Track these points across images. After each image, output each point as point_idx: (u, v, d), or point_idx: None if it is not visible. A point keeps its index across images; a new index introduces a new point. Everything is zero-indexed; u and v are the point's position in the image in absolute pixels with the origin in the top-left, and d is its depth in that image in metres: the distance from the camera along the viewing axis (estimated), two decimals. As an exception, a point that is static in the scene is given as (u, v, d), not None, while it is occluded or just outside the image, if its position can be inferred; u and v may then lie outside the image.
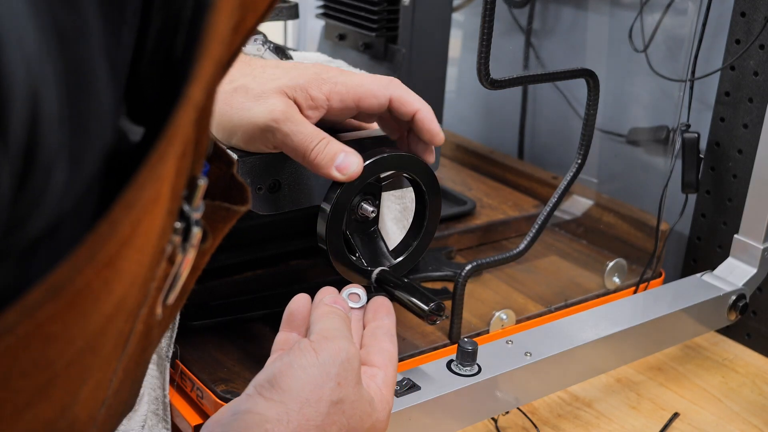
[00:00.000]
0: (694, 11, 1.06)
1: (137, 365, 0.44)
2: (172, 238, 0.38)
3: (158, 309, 0.41)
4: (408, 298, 0.71)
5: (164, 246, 0.38)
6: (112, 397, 0.42)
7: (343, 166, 0.69)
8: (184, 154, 0.36)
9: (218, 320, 0.90)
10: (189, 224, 0.39)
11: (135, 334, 0.40)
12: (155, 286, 0.39)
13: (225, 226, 0.45)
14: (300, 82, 0.70)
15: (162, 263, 0.38)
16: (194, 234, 0.39)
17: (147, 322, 0.41)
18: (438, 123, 0.75)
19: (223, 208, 0.44)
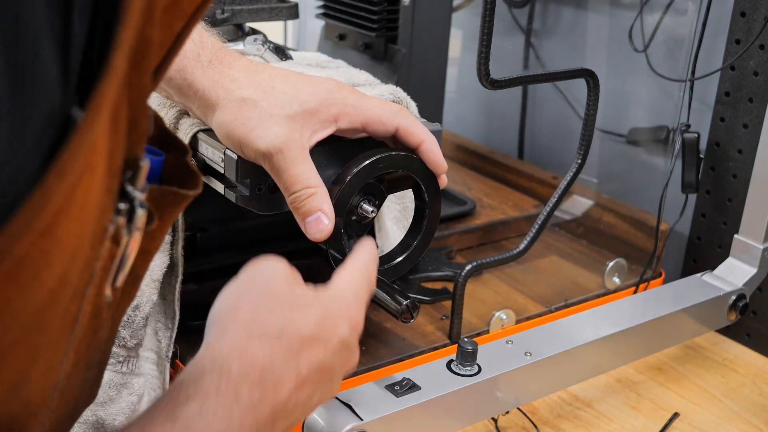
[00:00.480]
0: (694, 11, 1.06)
1: (89, 348, 0.44)
2: (115, 219, 0.39)
3: (107, 290, 0.41)
4: (381, 296, 0.70)
5: (105, 224, 0.38)
6: (65, 380, 0.42)
7: (310, 226, 0.69)
8: (116, 131, 0.36)
9: (218, 320, 0.90)
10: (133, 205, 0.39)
11: (83, 315, 0.40)
12: (101, 266, 0.39)
13: (174, 209, 0.45)
14: (310, 106, 0.69)
15: (105, 242, 0.39)
16: (138, 215, 0.40)
17: (95, 302, 0.41)
18: (442, 153, 0.75)
19: (172, 192, 0.45)
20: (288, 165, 0.68)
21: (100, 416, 0.79)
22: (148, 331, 0.82)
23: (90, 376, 0.47)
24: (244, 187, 0.73)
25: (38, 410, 0.41)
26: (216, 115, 0.70)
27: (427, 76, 1.10)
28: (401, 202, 0.95)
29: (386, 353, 0.88)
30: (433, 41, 1.09)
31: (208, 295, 0.92)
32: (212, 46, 0.71)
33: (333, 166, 0.74)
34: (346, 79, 0.88)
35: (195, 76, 0.70)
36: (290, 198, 0.69)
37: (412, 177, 0.75)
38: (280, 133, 0.67)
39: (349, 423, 0.68)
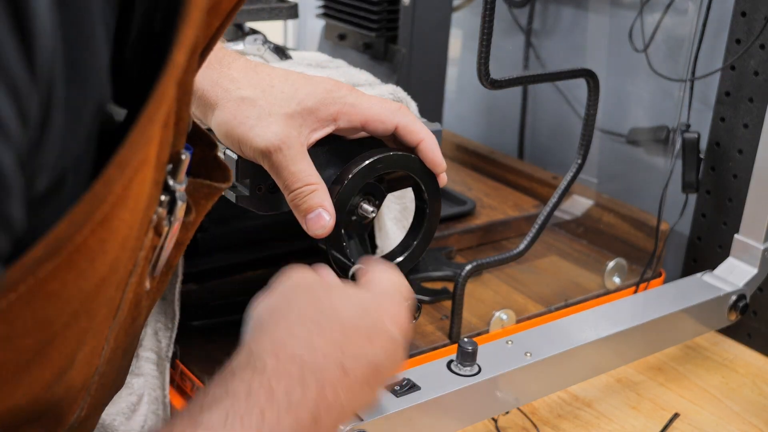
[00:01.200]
0: (694, 11, 1.06)
1: (127, 335, 0.45)
2: (158, 210, 0.40)
3: (147, 279, 0.42)
4: None
5: (151, 215, 0.40)
6: (105, 365, 0.43)
7: (312, 223, 0.69)
8: (167, 125, 0.38)
9: (218, 320, 0.90)
10: (174, 197, 0.41)
11: (125, 302, 0.41)
12: (143, 256, 0.41)
13: (207, 202, 0.47)
14: (309, 104, 0.69)
15: (149, 233, 0.40)
16: (179, 206, 0.41)
17: (136, 291, 0.42)
18: (441, 153, 0.75)
19: (205, 185, 0.46)
20: (287, 162, 0.68)
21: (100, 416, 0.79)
22: (148, 331, 0.82)
23: (125, 362, 0.48)
24: (244, 187, 0.73)
25: (78, 394, 0.42)
26: (215, 114, 0.70)
27: (427, 76, 1.10)
28: (401, 202, 0.95)
29: (386, 353, 0.88)
30: (433, 41, 1.09)
31: (208, 295, 0.93)
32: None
33: (332, 166, 0.74)
34: (346, 79, 0.88)
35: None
36: (290, 195, 0.69)
37: (412, 176, 0.75)
38: (278, 131, 0.67)
39: (348, 423, 0.68)
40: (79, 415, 0.44)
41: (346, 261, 0.73)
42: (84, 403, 0.43)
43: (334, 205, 0.70)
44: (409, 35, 1.07)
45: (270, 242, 0.99)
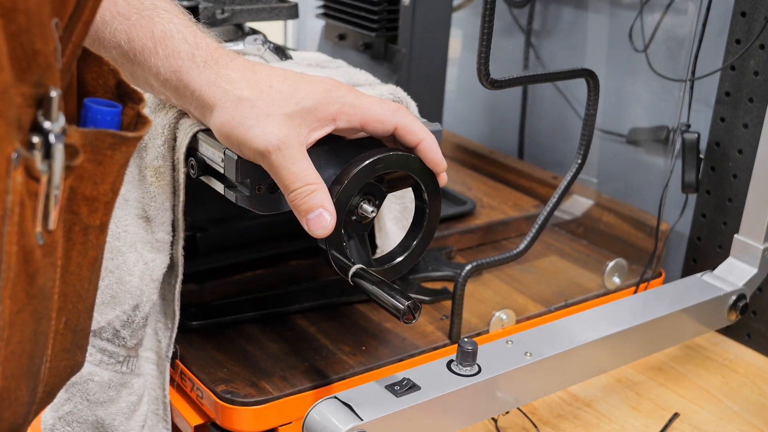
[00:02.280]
0: (694, 11, 1.06)
1: (30, 296, 0.43)
2: (21, 150, 0.39)
3: (34, 229, 0.41)
4: (383, 297, 0.70)
5: (8, 152, 0.38)
6: (7, 329, 0.42)
7: (312, 223, 0.69)
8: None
9: (218, 320, 0.90)
10: (48, 139, 0.40)
11: (9, 256, 0.40)
12: (15, 200, 0.39)
13: (114, 153, 0.45)
14: (308, 104, 0.69)
15: (14, 174, 0.39)
16: (57, 149, 0.40)
17: (20, 243, 0.41)
18: (441, 152, 0.75)
19: (108, 134, 0.45)
20: (287, 162, 0.68)
21: (100, 416, 0.79)
22: (148, 331, 0.82)
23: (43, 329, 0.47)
24: (244, 187, 0.73)
25: None
26: (213, 115, 0.70)
27: (427, 76, 1.10)
28: (401, 202, 0.95)
29: (386, 353, 0.88)
30: (433, 41, 1.09)
31: (208, 295, 0.93)
32: (207, 47, 0.71)
33: (332, 166, 0.74)
34: (346, 79, 0.88)
35: (191, 78, 0.70)
36: (290, 195, 0.69)
37: (412, 176, 0.75)
38: (277, 131, 0.67)
39: (349, 423, 0.68)
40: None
41: (346, 261, 0.73)
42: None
43: (334, 206, 0.70)
44: (409, 35, 1.07)
45: (270, 242, 0.99)
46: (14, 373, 0.45)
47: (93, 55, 0.48)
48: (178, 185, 0.78)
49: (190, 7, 0.95)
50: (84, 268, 0.48)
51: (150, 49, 0.69)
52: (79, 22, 0.44)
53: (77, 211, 0.45)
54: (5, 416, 0.46)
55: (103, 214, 0.47)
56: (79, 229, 0.46)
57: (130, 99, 0.48)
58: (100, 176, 0.45)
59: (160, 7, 0.71)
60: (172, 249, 0.80)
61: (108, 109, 0.46)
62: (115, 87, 0.48)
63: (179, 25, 0.71)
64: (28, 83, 0.39)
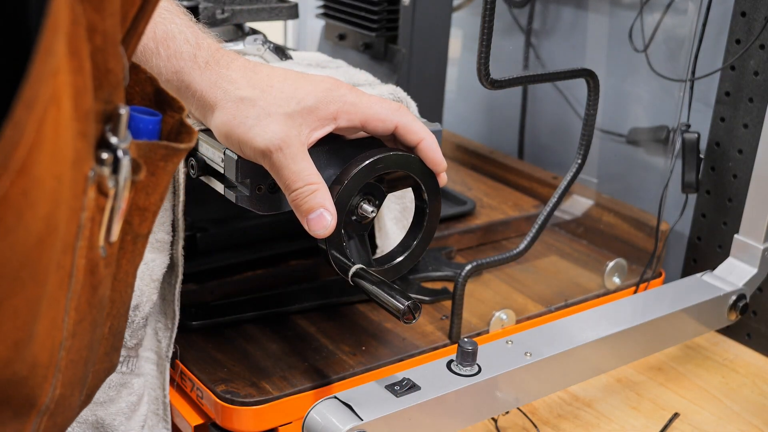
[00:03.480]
0: (694, 11, 1.06)
1: (90, 306, 0.44)
2: (97, 168, 0.40)
3: (99, 242, 0.42)
4: (383, 297, 0.70)
5: (86, 171, 0.39)
6: (70, 338, 0.43)
7: (313, 223, 0.69)
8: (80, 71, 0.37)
9: (218, 320, 0.90)
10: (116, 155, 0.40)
11: (78, 269, 0.41)
12: (88, 217, 0.40)
13: (166, 164, 0.46)
14: (309, 103, 0.69)
15: (89, 192, 0.39)
16: (124, 165, 0.41)
17: (88, 256, 0.42)
18: (441, 152, 0.75)
19: (161, 146, 0.45)
20: (288, 162, 0.68)
21: (100, 416, 0.79)
22: (148, 331, 0.82)
23: (98, 336, 0.48)
24: (244, 187, 0.73)
25: (47, 372, 0.42)
26: (214, 116, 0.70)
27: (427, 76, 1.10)
28: (401, 202, 0.95)
29: (386, 353, 0.88)
30: (433, 41, 1.09)
31: (208, 295, 0.93)
32: (208, 47, 0.71)
33: (332, 166, 0.74)
34: (346, 79, 0.88)
35: (192, 78, 0.70)
36: (291, 195, 0.69)
37: (412, 176, 0.75)
38: (278, 130, 0.67)
39: (349, 423, 0.68)
40: (52, 395, 0.44)
41: (346, 261, 0.73)
42: (55, 381, 0.43)
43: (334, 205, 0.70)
44: (409, 35, 1.07)
45: (270, 242, 0.99)
46: (71, 381, 0.46)
47: (131, 63, 0.48)
48: (178, 185, 0.78)
49: (190, 7, 0.95)
50: (130, 275, 0.49)
51: (151, 50, 0.70)
52: (134, 36, 0.44)
53: (130, 221, 0.46)
54: (58, 422, 0.47)
55: (151, 222, 0.48)
56: (130, 239, 0.46)
57: (169, 107, 0.48)
58: (153, 187, 0.46)
59: (161, 8, 0.71)
60: (172, 249, 0.80)
61: (149, 117, 0.46)
62: (153, 94, 0.48)
63: (181, 26, 0.71)
64: (100, 101, 0.40)
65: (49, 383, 0.42)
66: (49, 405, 0.44)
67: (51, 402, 0.44)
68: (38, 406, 0.43)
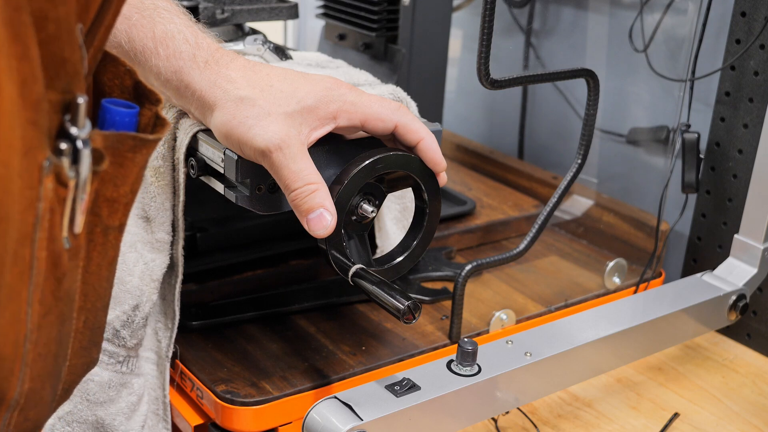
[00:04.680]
0: (694, 11, 1.06)
1: (57, 299, 0.44)
2: (54, 158, 0.39)
3: (62, 234, 0.42)
4: (383, 297, 0.70)
5: (39, 161, 0.39)
6: (35, 331, 0.43)
7: (313, 223, 0.69)
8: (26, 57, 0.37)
9: (218, 320, 0.90)
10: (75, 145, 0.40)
11: (39, 261, 0.41)
12: (46, 207, 0.40)
13: (135, 155, 0.46)
14: (308, 103, 0.69)
15: (46, 182, 0.39)
16: (84, 155, 0.40)
17: (50, 248, 0.41)
18: (441, 152, 0.75)
19: (129, 137, 0.45)
20: (288, 162, 0.67)
21: (100, 416, 0.79)
22: (148, 331, 0.82)
23: (68, 330, 0.47)
24: (244, 187, 0.73)
25: (13, 365, 0.42)
26: (214, 115, 0.70)
27: (427, 76, 1.10)
28: (401, 202, 0.95)
29: (386, 353, 0.88)
30: (433, 41, 1.09)
31: (208, 295, 0.93)
32: (208, 47, 0.71)
33: (332, 166, 0.74)
34: (346, 79, 0.88)
35: (192, 78, 0.70)
36: (291, 195, 0.69)
37: (412, 176, 0.75)
38: (278, 130, 0.67)
39: (349, 423, 0.68)
40: (21, 389, 0.44)
41: (346, 261, 0.73)
42: (23, 375, 0.43)
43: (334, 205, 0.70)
44: (409, 35, 1.07)
45: (270, 242, 0.99)
46: (41, 374, 0.45)
47: (109, 55, 0.48)
48: (178, 185, 0.78)
49: (190, 7, 0.95)
50: (103, 268, 0.49)
51: (151, 49, 0.69)
52: (101, 27, 0.44)
53: (98, 213, 0.46)
54: (30, 416, 0.46)
55: (123, 214, 0.47)
56: (99, 231, 0.46)
57: (147, 100, 0.48)
58: (121, 178, 0.46)
59: (160, 7, 0.71)
60: (172, 249, 0.80)
61: (125, 110, 0.46)
62: (132, 87, 0.48)
63: (180, 25, 0.71)
64: (56, 90, 0.40)
65: (16, 377, 0.42)
66: (19, 399, 0.44)
67: (20, 396, 0.44)
68: (7, 401, 0.43)
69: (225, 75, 0.70)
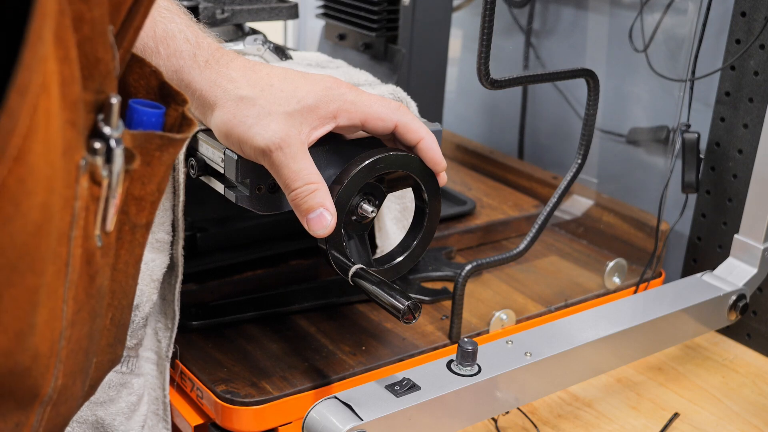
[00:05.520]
0: (694, 11, 1.06)
1: (89, 296, 0.44)
2: (89, 157, 0.40)
3: (95, 232, 0.42)
4: (383, 297, 0.70)
5: (77, 160, 0.39)
6: (69, 328, 0.43)
7: (313, 223, 0.69)
8: (66, 59, 0.37)
9: (218, 320, 0.90)
10: (109, 145, 0.41)
11: (74, 258, 0.41)
12: (82, 206, 0.40)
13: (162, 154, 0.46)
14: (308, 102, 0.69)
15: (81, 180, 0.40)
16: (117, 154, 0.41)
17: (84, 246, 0.42)
18: (441, 152, 0.75)
19: (157, 136, 0.46)
20: (288, 161, 0.67)
21: (100, 416, 0.79)
22: (148, 331, 0.82)
23: (98, 326, 0.48)
24: (244, 187, 0.73)
25: (48, 362, 0.42)
26: (214, 115, 0.70)
27: (427, 76, 1.10)
28: (401, 202, 0.95)
29: (386, 353, 0.88)
30: (433, 41, 1.09)
31: (208, 295, 0.93)
32: (208, 47, 0.71)
33: (332, 166, 0.74)
34: (346, 79, 0.88)
35: (192, 77, 0.70)
36: (291, 195, 0.69)
37: (412, 176, 0.75)
38: (278, 129, 0.67)
39: (349, 423, 0.69)
40: (54, 384, 0.44)
41: (347, 261, 0.73)
42: (57, 371, 0.44)
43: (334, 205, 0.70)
44: (409, 35, 1.07)
45: (270, 242, 0.99)
46: (73, 370, 0.46)
47: (135, 56, 0.48)
48: (178, 185, 0.78)
49: (190, 7, 0.95)
50: (130, 266, 0.49)
51: (151, 49, 0.70)
52: (130, 28, 0.44)
53: (127, 211, 0.46)
54: (62, 411, 0.47)
55: (149, 213, 0.48)
56: (128, 229, 0.47)
57: (173, 100, 0.48)
58: (148, 177, 0.46)
59: (161, 7, 0.71)
60: (172, 249, 0.80)
61: (152, 110, 0.47)
62: (157, 88, 0.49)
63: (181, 25, 0.71)
64: (90, 91, 0.40)
65: (51, 373, 0.43)
66: (52, 395, 0.44)
67: (54, 392, 0.44)
68: (41, 397, 0.43)
69: (225, 74, 0.70)
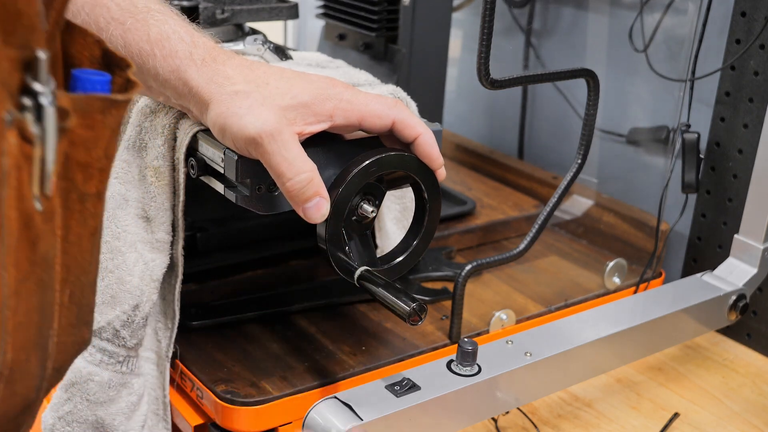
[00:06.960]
0: (694, 11, 1.06)
1: (33, 264, 0.43)
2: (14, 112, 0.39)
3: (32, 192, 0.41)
4: (389, 299, 0.70)
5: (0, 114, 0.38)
6: (13, 297, 0.42)
7: (311, 212, 0.69)
8: None
9: (218, 320, 0.90)
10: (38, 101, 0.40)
11: (9, 221, 0.40)
12: (12, 164, 0.39)
13: (104, 117, 0.45)
14: (304, 99, 0.69)
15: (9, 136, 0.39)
16: (48, 111, 0.40)
17: (20, 208, 0.41)
18: (438, 148, 0.75)
19: (97, 98, 0.45)
20: (280, 149, 0.67)
21: (100, 416, 0.79)
22: (148, 331, 0.82)
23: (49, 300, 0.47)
24: (244, 187, 0.73)
25: None
26: (209, 110, 0.69)
27: (427, 76, 1.10)
28: (401, 203, 0.95)
29: (386, 353, 0.88)
30: (433, 41, 1.09)
31: (208, 295, 0.93)
32: (204, 45, 0.71)
33: (331, 166, 0.74)
34: (346, 79, 0.88)
35: (189, 75, 0.70)
36: (287, 185, 0.68)
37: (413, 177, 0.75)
38: (270, 118, 0.67)
39: (349, 423, 0.69)
40: (3, 359, 0.43)
41: (347, 261, 0.73)
42: (4, 344, 0.43)
43: (333, 207, 0.71)
44: (409, 35, 1.07)
45: (270, 242, 0.99)
46: (24, 345, 0.45)
47: (77, 27, 0.48)
48: (178, 185, 0.78)
49: (191, 7, 0.95)
50: (84, 239, 0.48)
51: (147, 52, 0.69)
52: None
53: (72, 178, 0.45)
54: (18, 390, 0.46)
55: (99, 181, 0.47)
56: (75, 197, 0.46)
57: (117, 66, 0.48)
58: (93, 141, 0.45)
59: (154, 10, 0.71)
60: (172, 249, 0.80)
61: (97, 78, 0.46)
62: (101, 57, 0.48)
63: (174, 26, 0.71)
64: (14, 46, 0.39)
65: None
66: (2, 370, 0.44)
67: (3, 367, 0.43)
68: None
69: (222, 72, 0.70)
